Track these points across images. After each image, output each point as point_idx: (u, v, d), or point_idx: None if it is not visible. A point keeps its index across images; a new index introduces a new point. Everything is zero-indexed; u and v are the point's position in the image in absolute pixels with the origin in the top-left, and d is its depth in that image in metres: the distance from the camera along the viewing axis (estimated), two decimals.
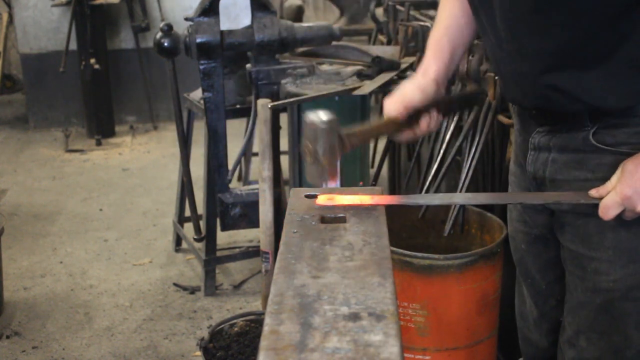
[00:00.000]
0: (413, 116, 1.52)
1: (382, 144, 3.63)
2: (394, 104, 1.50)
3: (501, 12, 1.42)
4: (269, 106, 2.48)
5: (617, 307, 1.48)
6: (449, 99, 1.95)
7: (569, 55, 1.36)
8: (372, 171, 3.44)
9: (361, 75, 2.97)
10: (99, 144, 5.77)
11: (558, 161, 1.49)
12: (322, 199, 1.33)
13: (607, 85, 1.36)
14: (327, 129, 1.34)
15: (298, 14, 5.78)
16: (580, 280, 1.52)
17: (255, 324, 2.55)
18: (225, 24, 2.98)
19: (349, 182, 2.70)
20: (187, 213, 3.45)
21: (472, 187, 2.53)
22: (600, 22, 1.32)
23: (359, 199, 1.33)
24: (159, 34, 2.94)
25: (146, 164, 5.34)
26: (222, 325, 2.53)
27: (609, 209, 1.32)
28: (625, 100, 1.37)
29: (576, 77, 1.37)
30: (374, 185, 2.89)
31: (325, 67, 3.09)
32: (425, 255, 2.15)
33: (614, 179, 1.33)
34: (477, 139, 2.35)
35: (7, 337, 3.00)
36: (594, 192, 1.35)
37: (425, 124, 1.52)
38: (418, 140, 2.94)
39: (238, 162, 3.18)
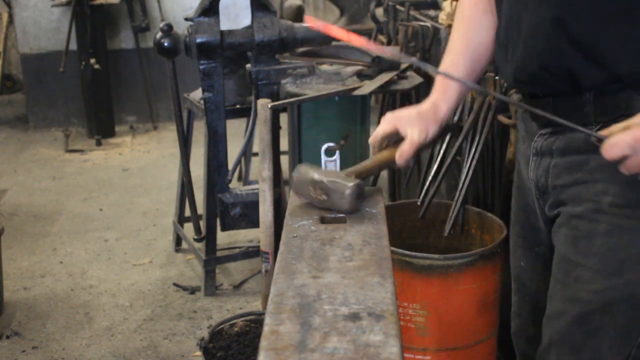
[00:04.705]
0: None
1: None
2: (408, 151, 1.49)
3: None
4: (269, 106, 2.48)
5: (593, 321, 1.41)
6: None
7: (591, 4, 1.33)
8: None
9: (361, 75, 2.97)
10: (99, 144, 5.77)
11: (559, 165, 1.46)
12: (310, 20, 1.36)
13: (624, 46, 1.33)
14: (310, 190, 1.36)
15: (298, 14, 5.77)
16: (561, 286, 1.47)
17: (255, 324, 2.54)
18: (225, 24, 2.97)
19: None
20: (187, 213, 3.45)
21: (472, 187, 2.53)
22: None
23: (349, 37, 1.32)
24: (159, 34, 2.93)
25: (146, 164, 5.34)
26: (222, 326, 2.53)
27: (615, 146, 1.23)
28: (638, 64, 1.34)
29: (595, 32, 1.34)
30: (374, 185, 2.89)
31: (325, 67, 3.08)
32: (425, 255, 2.15)
33: (630, 120, 1.24)
34: (477, 139, 2.35)
35: (7, 337, 3.00)
36: (605, 132, 1.28)
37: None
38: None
39: (238, 162, 3.18)
